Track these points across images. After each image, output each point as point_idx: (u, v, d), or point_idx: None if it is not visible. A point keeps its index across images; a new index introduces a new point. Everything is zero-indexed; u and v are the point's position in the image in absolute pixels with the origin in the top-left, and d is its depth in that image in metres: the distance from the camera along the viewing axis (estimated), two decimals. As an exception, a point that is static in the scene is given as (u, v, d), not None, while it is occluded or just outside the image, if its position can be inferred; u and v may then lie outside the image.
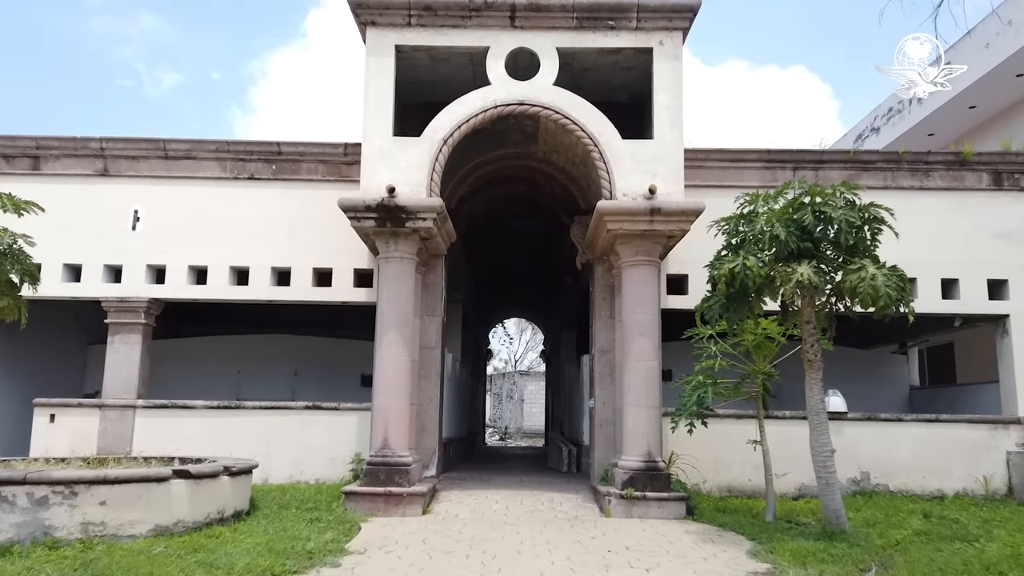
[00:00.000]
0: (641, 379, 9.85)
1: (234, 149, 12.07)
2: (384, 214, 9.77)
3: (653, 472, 9.57)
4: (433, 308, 11.44)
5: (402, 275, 10.11)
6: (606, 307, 11.43)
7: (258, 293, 11.83)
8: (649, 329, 9.96)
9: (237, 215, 11.98)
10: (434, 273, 11.53)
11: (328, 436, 11.46)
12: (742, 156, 12.06)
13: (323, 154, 12.06)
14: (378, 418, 9.86)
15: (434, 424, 11.20)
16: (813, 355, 7.64)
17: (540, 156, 12.03)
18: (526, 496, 10.56)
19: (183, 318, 17.69)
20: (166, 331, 16.84)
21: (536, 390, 38.69)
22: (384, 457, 9.66)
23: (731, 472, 11.37)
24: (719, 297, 7.70)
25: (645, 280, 10.07)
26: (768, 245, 7.25)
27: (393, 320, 9.97)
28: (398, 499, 9.35)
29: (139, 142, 12.04)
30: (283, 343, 16.40)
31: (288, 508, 9.11)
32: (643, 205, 9.72)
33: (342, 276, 11.79)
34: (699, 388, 8.85)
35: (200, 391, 13.23)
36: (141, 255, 11.85)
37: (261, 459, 11.12)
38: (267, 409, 11.62)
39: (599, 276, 11.54)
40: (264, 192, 12.09)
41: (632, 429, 9.81)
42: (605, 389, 11.25)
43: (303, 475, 11.38)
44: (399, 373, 9.93)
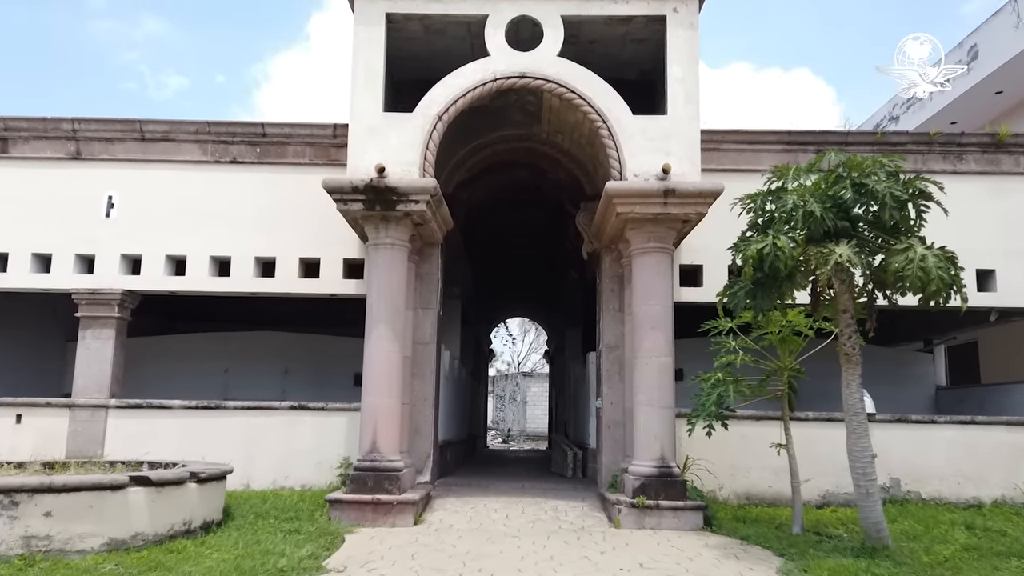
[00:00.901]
0: (653, 377, 9.01)
1: (216, 131, 11.26)
2: (373, 196, 8.94)
3: (667, 478, 8.73)
4: (428, 300, 10.61)
5: (393, 263, 9.28)
6: (614, 300, 10.58)
7: (240, 285, 11.02)
8: (662, 322, 9.12)
9: (218, 201, 11.17)
10: (429, 263, 10.70)
11: (315, 438, 10.64)
12: (760, 138, 11.22)
13: (310, 136, 11.25)
14: (366, 419, 9.03)
15: (428, 426, 10.37)
16: (850, 348, 6.78)
17: (543, 138, 11.20)
18: (528, 504, 9.72)
19: (171, 314, 16.92)
20: (153, 328, 16.07)
21: (539, 392, 37.90)
22: (372, 462, 8.83)
23: (749, 478, 10.53)
24: (745, 283, 6.84)
25: (658, 269, 9.22)
26: (801, 224, 6.41)
27: (383, 312, 9.15)
28: (387, 508, 8.52)
29: (114, 123, 11.24)
30: (273, 340, 15.59)
31: (266, 518, 8.28)
32: (656, 186, 8.88)
33: (331, 267, 10.97)
34: (719, 386, 8.02)
35: (185, 391, 12.43)
36: (115, 244, 11.04)
37: (243, 463, 10.40)
38: (249, 409, 10.80)
39: (607, 266, 10.70)
40: (248, 177, 11.28)
41: (644, 431, 8.97)
42: (613, 388, 10.40)
43: (287, 480, 10.56)
44: (389, 370, 9.10)
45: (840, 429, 10.80)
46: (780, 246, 6.23)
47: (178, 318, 17.20)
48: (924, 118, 17.97)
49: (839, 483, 10.53)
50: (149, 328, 16.03)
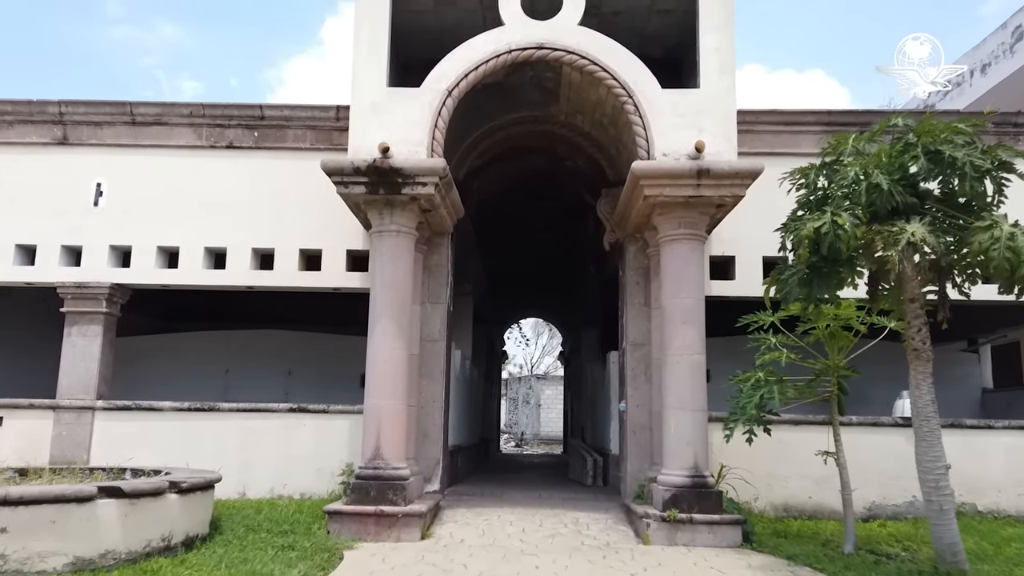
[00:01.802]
0: (685, 376, 8.16)
1: (211, 114, 10.53)
2: (376, 178, 8.16)
3: (701, 489, 7.87)
4: (437, 294, 9.81)
5: (398, 252, 8.49)
6: (639, 293, 9.74)
7: (236, 278, 10.27)
8: (694, 316, 8.27)
9: (214, 189, 10.44)
10: (438, 254, 9.90)
11: (315, 443, 9.86)
12: (799, 118, 10.35)
13: (312, 119, 10.49)
14: (369, 422, 8.24)
15: (438, 429, 9.56)
16: (920, 343, 5.92)
17: (561, 120, 10.38)
18: (546, 516, 8.88)
19: (169, 313, 16.24)
20: (151, 327, 15.40)
21: (553, 395, 37.10)
22: (375, 469, 8.03)
23: (787, 488, 9.66)
24: (798, 267, 5.97)
25: (689, 258, 8.38)
26: (863, 199, 5.54)
27: (387, 306, 8.36)
28: (391, 520, 7.72)
29: (103, 105, 10.53)
30: (276, 339, 14.85)
31: (258, 531, 7.50)
32: (688, 166, 8.04)
33: (333, 258, 10.21)
34: (761, 387, 7.16)
35: (183, 392, 11.71)
36: (103, 234, 10.32)
37: (238, 469, 9.65)
38: (245, 412, 10.04)
39: (631, 257, 9.85)
40: (245, 162, 10.54)
41: (675, 437, 8.11)
42: (639, 389, 9.56)
43: (286, 488, 9.78)
44: (394, 369, 8.31)
45: (886, 435, 10.03)
46: (841, 224, 5.38)
47: (177, 317, 16.50)
48: (962, 105, 17.00)
49: (886, 494, 9.66)
50: (146, 327, 15.37)
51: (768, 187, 9.22)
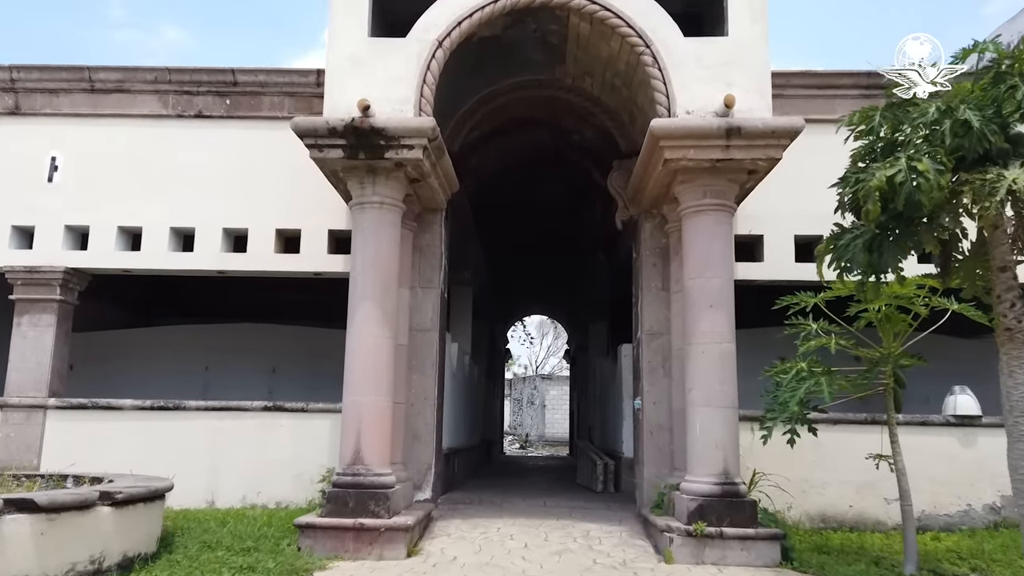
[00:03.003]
0: (712, 368, 7.06)
1: (178, 79, 9.48)
2: (355, 140, 7.08)
3: (732, 499, 6.77)
4: (429, 278, 8.72)
5: (382, 227, 7.42)
6: (657, 276, 8.64)
7: (205, 261, 9.21)
8: (722, 298, 7.18)
9: (181, 163, 9.40)
10: (430, 233, 8.81)
11: (293, 446, 8.81)
12: (834, 81, 9.27)
13: (290, 84, 9.44)
14: (348, 422, 7.16)
15: (430, 430, 8.47)
16: (1015, 320, 4.80)
17: (568, 83, 9.28)
18: (552, 528, 7.78)
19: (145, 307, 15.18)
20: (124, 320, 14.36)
21: (559, 395, 35.97)
22: (355, 476, 6.95)
23: (825, 495, 8.57)
24: (864, 230, 4.85)
25: (716, 232, 7.28)
26: (949, 140, 4.43)
27: (370, 288, 7.28)
28: (372, 535, 6.64)
29: (58, 71, 9.49)
30: (260, 334, 13.75)
31: (215, 549, 6.41)
32: (716, 124, 6.94)
33: (313, 239, 9.15)
34: (805, 380, 6.06)
35: (160, 392, 10.66)
36: (58, 214, 9.29)
37: (206, 475, 8.62)
38: (215, 411, 8.98)
39: (647, 236, 8.75)
40: (216, 133, 9.50)
41: (701, 438, 7.01)
42: (656, 385, 8.46)
43: (260, 496, 8.72)
44: (377, 360, 7.23)
45: (936, 436, 8.87)
46: (922, 170, 4.27)
47: (155, 310, 15.43)
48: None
49: (936, 502, 8.55)
50: (120, 320, 14.33)
51: (800, 157, 8.21)
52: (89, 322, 13.86)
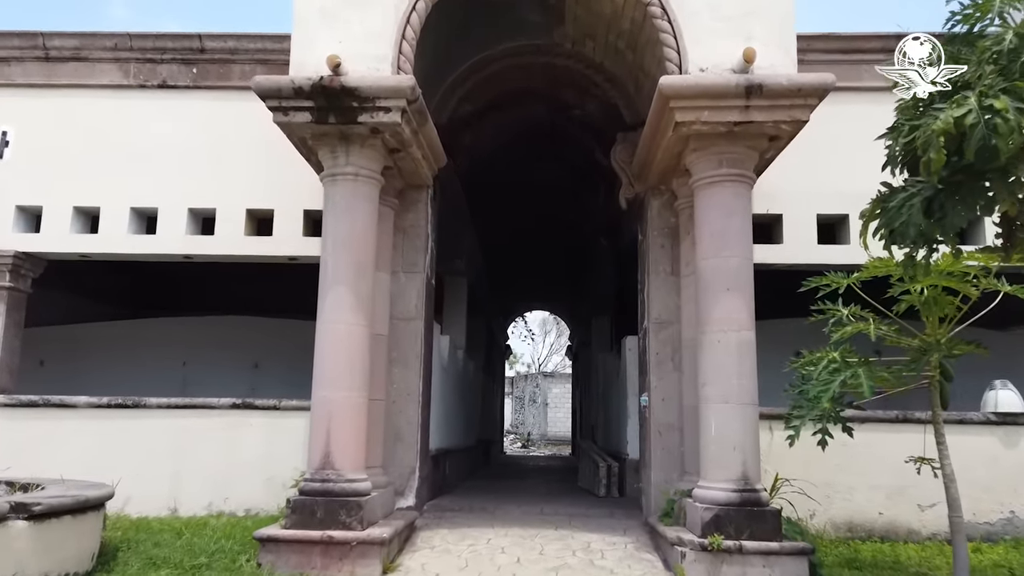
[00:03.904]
0: (729, 360, 6.23)
1: (140, 46, 8.67)
2: (325, 102, 6.26)
3: (753, 507, 5.94)
4: (412, 262, 7.89)
5: (357, 202, 6.59)
6: (665, 259, 7.80)
7: (169, 245, 8.41)
8: (740, 281, 6.34)
9: (143, 137, 8.60)
10: (414, 211, 7.97)
11: (264, 447, 8.01)
12: (860, 44, 8.43)
13: (262, 51, 8.63)
14: (317, 421, 6.34)
15: (414, 430, 7.64)
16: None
17: (567, 48, 8.45)
18: (549, 539, 6.95)
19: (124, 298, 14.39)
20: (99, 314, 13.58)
21: (561, 393, 35.21)
22: (324, 482, 6.13)
23: (853, 501, 7.74)
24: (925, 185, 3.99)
25: (733, 206, 6.44)
26: (1027, 75, 3.59)
27: (342, 270, 6.46)
28: (342, 550, 5.82)
29: (9, 37, 8.69)
30: (242, 327, 12.95)
31: (161, 567, 5.62)
32: (734, 81, 6.09)
33: (287, 221, 8.36)
34: (840, 372, 5.22)
35: (135, 388, 9.83)
36: (8, 193, 8.51)
37: (169, 479, 7.84)
38: (179, 408, 8.17)
39: (654, 215, 7.91)
40: (181, 104, 8.70)
41: (716, 439, 6.18)
42: (665, 379, 7.62)
43: (228, 503, 7.92)
44: (351, 351, 6.41)
45: (975, 435, 7.96)
46: (1000, 108, 3.43)
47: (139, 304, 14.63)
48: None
49: (976, 509, 7.69)
50: (101, 314, 13.55)
51: (824, 129, 7.40)
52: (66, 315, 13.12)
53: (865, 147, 8.19)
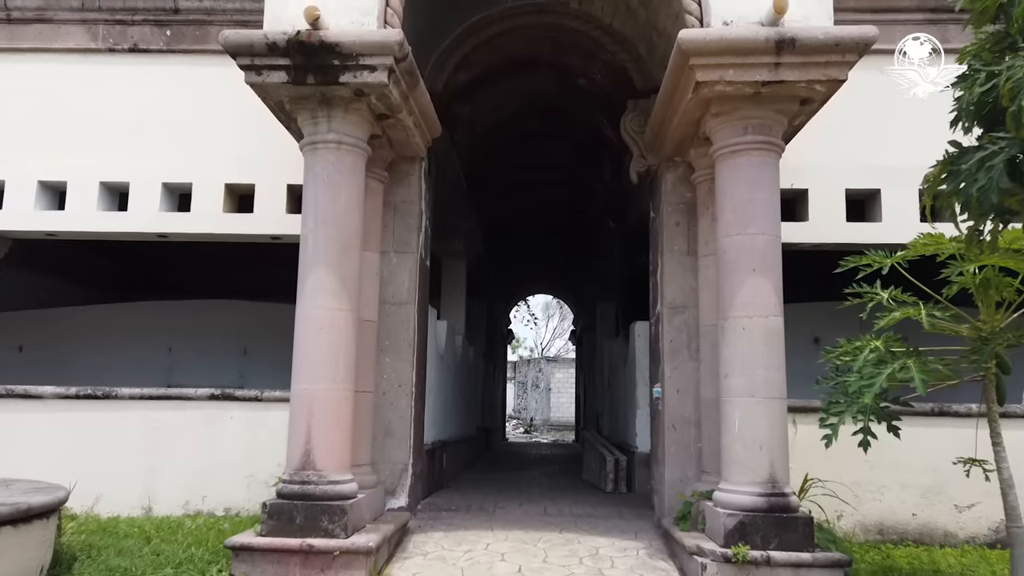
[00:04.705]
0: (756, 348, 5.58)
1: (109, 6, 7.98)
2: (303, 60, 5.58)
3: (782, 513, 5.32)
4: (405, 241, 7.22)
5: (341, 173, 5.93)
6: (681, 237, 7.13)
7: (142, 222, 7.77)
8: (768, 260, 5.68)
9: (113, 106, 7.94)
10: (406, 186, 7.30)
11: (246, 442, 7.42)
12: (894, 3, 7.70)
13: (241, 11, 7.93)
14: (296, 416, 5.73)
15: (406, 424, 7.01)
16: None
17: (573, 8, 7.75)
18: (553, 544, 6.35)
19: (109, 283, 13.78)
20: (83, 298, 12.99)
21: (564, 378, 34.66)
22: (304, 484, 5.52)
23: (884, 501, 7.14)
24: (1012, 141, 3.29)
25: (760, 177, 5.77)
26: None
27: (323, 249, 5.82)
28: (324, 560, 5.22)
29: (-33, -3, 7.99)
30: (230, 312, 12.32)
31: (120, 579, 5.01)
32: (763, 34, 5.40)
33: (270, 196, 7.70)
34: (886, 363, 4.58)
35: (119, 377, 9.33)
36: (-32, 166, 7.84)
37: (143, 476, 7.29)
38: (153, 400, 7.57)
39: (669, 189, 7.23)
40: (154, 70, 8.02)
41: (741, 436, 5.55)
42: (680, 369, 6.98)
43: (205, 502, 7.34)
44: (334, 339, 5.78)
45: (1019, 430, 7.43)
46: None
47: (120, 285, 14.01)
48: None
49: (1020, 510, 7.06)
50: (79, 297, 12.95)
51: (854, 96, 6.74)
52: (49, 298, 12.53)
53: (900, 115, 7.60)
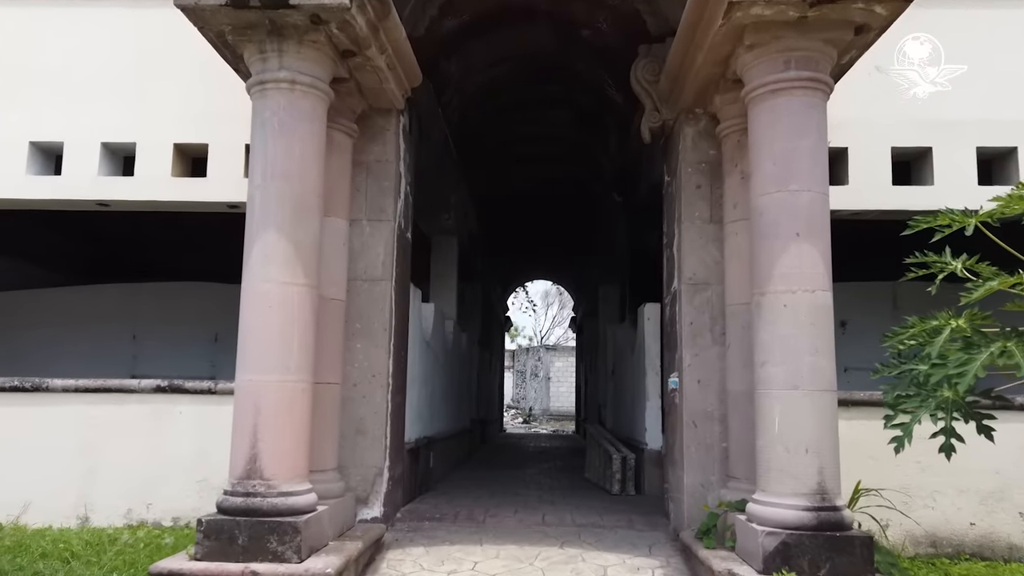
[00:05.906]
0: (800, 331, 4.58)
1: (39, -61, 6.91)
2: (245, -22, 4.53)
3: (834, 532, 4.33)
4: (379, 207, 6.18)
5: (295, 119, 4.89)
6: (703, 202, 6.09)
7: (77, 188, 6.74)
8: (815, 223, 4.67)
9: (46, 56, 6.91)
10: (380, 143, 6.25)
11: (198, 441, 6.42)
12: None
13: (191, -56, 6.83)
14: (240, 415, 4.73)
15: (380, 420, 6.00)
16: None
17: (576, -62, 6.69)
18: (553, 563, 5.35)
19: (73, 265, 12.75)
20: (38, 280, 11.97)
21: (564, 367, 33.76)
22: (248, 496, 4.52)
23: (935, 509, 6.19)
24: None
25: (805, 122, 4.74)
26: None
27: (274, 210, 4.79)
28: (271, 592, 4.23)
29: None
30: (199, 295, 11.29)
31: (11, 619, 4.01)
32: (812, -58, 4.36)
33: (226, 157, 6.69)
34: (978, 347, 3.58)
35: (78, 366, 8.41)
36: None
37: (79, 481, 6.37)
38: (89, 392, 6.56)
39: (688, 146, 6.18)
40: (94, 13, 6.98)
41: (782, 437, 4.54)
42: (702, 355, 5.96)
43: (151, 510, 6.37)
44: (285, 320, 4.77)
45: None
46: None
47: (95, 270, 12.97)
48: None
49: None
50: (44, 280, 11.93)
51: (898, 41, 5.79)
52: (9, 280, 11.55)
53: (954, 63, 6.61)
